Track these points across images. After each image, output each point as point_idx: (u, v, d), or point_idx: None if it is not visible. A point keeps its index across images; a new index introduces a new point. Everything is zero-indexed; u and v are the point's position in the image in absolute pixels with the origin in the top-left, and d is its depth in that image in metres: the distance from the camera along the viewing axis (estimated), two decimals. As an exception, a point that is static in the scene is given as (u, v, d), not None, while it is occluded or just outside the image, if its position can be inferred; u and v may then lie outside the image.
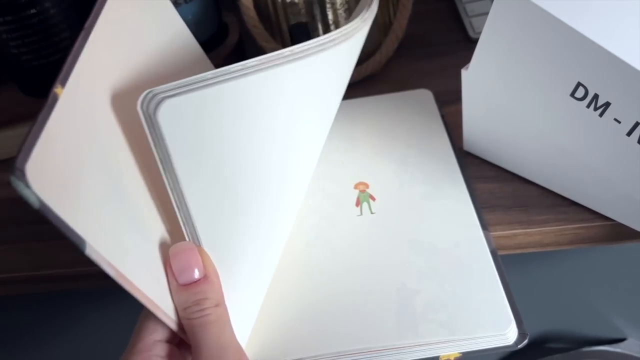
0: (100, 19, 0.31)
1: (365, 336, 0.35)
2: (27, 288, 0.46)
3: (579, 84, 0.34)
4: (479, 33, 0.58)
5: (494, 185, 0.44)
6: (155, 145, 0.29)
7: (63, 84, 0.27)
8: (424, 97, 0.52)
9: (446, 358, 0.35)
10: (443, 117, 0.50)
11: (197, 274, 0.30)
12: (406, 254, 0.39)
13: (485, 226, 0.41)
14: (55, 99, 0.26)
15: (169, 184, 0.30)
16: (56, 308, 0.62)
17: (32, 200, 0.23)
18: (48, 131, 0.25)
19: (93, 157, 0.28)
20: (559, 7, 0.33)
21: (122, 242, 0.28)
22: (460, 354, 0.35)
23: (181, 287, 0.30)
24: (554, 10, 0.33)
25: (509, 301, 0.36)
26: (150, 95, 0.28)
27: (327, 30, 0.53)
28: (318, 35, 0.53)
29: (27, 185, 0.22)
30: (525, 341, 0.35)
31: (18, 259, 0.45)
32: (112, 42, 0.32)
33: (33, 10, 0.53)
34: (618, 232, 0.40)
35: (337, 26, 0.53)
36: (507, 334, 0.35)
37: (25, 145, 0.23)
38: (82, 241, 0.25)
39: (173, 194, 0.30)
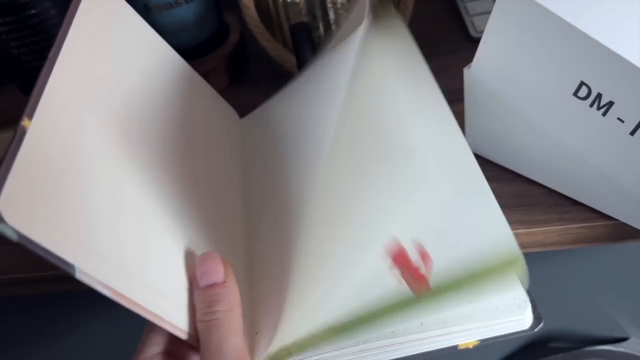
0: (65, 46, 0.32)
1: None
2: (28, 290, 0.46)
3: (582, 83, 0.34)
4: (480, 32, 0.58)
5: (495, 184, 0.43)
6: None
7: (30, 117, 0.27)
8: None
9: (465, 346, 0.35)
10: None
11: (216, 278, 0.31)
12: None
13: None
14: (23, 133, 0.26)
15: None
16: (58, 310, 0.62)
17: (10, 234, 0.23)
18: (19, 165, 0.25)
19: (76, 180, 0.28)
20: (562, 7, 0.33)
21: (119, 261, 0.28)
22: (479, 342, 0.35)
23: (200, 289, 0.31)
24: (556, 9, 0.33)
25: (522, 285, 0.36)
26: None
27: (328, 29, 0.53)
28: (319, 35, 0.53)
29: (2, 220, 0.22)
30: (541, 324, 0.35)
31: (19, 260, 0.45)
32: (82, 64, 0.33)
33: (33, 11, 0.53)
34: (621, 232, 0.40)
35: (338, 26, 0.53)
36: (524, 318, 0.34)
37: None
38: (71, 266, 0.25)
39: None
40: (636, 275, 0.58)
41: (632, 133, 0.34)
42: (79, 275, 0.25)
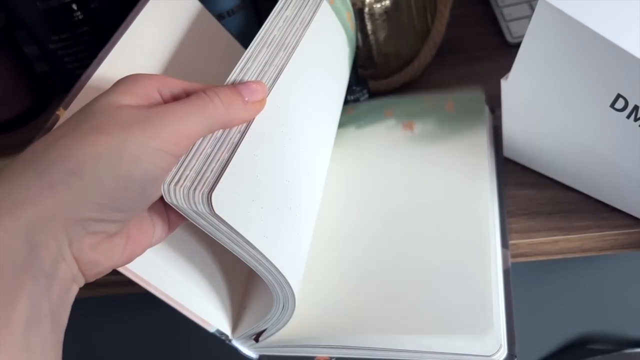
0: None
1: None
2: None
3: (618, 96, 0.35)
4: (517, 37, 0.59)
5: (534, 191, 0.45)
6: None
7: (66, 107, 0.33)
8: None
9: None
10: (496, 128, 0.49)
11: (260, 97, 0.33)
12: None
13: (506, 244, 0.41)
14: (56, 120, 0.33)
15: None
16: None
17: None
18: None
19: None
20: (598, 21, 0.34)
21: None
22: None
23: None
24: (592, 24, 0.34)
25: (507, 322, 0.36)
26: None
27: (366, 40, 0.54)
28: (358, 46, 0.54)
29: None
30: None
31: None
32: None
33: (86, 28, 0.55)
34: (660, 238, 0.41)
35: (375, 36, 0.54)
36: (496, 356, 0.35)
37: None
38: None
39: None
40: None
41: (670, 143, 0.34)
42: None
